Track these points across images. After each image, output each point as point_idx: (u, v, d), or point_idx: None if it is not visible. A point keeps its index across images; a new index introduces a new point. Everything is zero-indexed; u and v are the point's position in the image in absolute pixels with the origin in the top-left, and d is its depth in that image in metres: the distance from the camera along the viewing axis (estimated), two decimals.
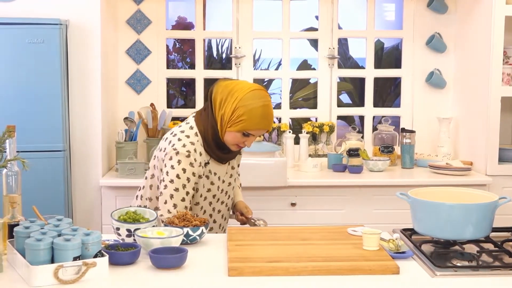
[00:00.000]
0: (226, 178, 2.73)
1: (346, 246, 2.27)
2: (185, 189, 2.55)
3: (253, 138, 2.59)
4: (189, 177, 2.55)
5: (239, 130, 2.54)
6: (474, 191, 2.46)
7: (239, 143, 2.60)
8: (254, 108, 2.51)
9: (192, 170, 2.56)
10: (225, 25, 4.58)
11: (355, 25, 5.29)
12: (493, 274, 2.06)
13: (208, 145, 2.60)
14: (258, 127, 2.54)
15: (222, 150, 2.64)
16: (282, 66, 4.50)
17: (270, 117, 2.57)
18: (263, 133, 2.62)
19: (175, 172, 2.53)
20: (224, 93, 2.56)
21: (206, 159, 2.62)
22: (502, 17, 3.74)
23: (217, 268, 2.10)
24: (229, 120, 2.54)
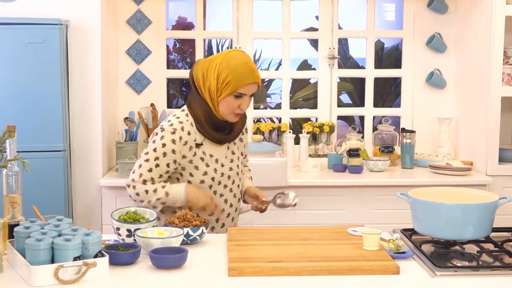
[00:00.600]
0: (226, 162, 2.68)
1: (346, 246, 2.27)
2: (156, 161, 2.54)
3: (246, 98, 2.56)
4: (166, 152, 2.54)
5: (230, 92, 2.53)
6: (474, 191, 2.46)
7: (234, 109, 2.57)
8: (237, 65, 2.52)
9: (173, 147, 2.55)
10: (225, 25, 4.58)
11: (355, 25, 5.29)
12: (493, 274, 2.06)
13: (200, 125, 2.60)
14: (247, 82, 2.53)
15: (219, 131, 2.63)
16: (282, 66, 4.49)
17: (255, 70, 2.57)
18: (254, 90, 2.58)
19: (154, 145, 2.56)
20: (204, 67, 2.59)
21: (199, 140, 2.61)
22: (502, 17, 3.74)
23: (217, 268, 2.10)
24: (217, 89, 2.54)
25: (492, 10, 3.75)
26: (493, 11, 3.74)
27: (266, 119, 4.96)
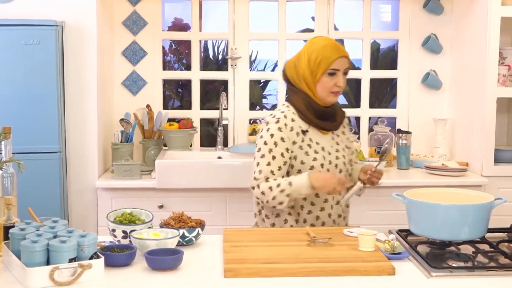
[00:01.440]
0: (332, 151, 2.72)
1: (342, 247, 2.28)
2: (271, 153, 2.62)
3: (340, 75, 2.65)
4: (276, 141, 2.62)
5: (323, 71, 2.62)
6: (470, 192, 2.46)
7: (331, 88, 2.65)
8: (323, 45, 2.66)
9: (281, 134, 2.63)
10: (221, 26, 4.57)
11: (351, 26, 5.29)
12: (488, 274, 2.07)
13: (303, 114, 2.68)
14: (335, 56, 2.62)
15: (323, 119, 2.70)
16: (279, 67, 4.49)
17: (340, 45, 2.69)
18: (346, 65, 2.66)
19: (263, 139, 2.65)
20: (293, 60, 2.72)
21: (304, 127, 2.68)
22: (497, 18, 3.75)
23: (213, 269, 2.10)
24: (311, 72, 2.65)
25: (487, 11, 3.75)
26: (489, 12, 3.75)
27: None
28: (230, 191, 3.70)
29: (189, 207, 3.49)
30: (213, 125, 5.05)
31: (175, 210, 2.67)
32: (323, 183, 2.51)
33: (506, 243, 2.39)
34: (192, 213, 2.55)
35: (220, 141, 4.20)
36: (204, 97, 5.19)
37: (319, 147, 2.69)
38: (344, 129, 2.87)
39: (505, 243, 2.39)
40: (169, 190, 3.66)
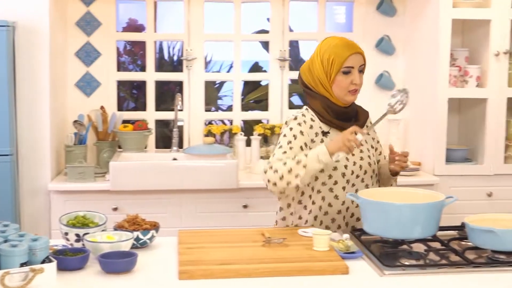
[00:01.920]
0: (355, 151, 2.65)
1: (297, 247, 2.28)
2: (289, 144, 2.56)
3: (355, 72, 2.60)
4: (295, 134, 2.58)
5: (337, 70, 2.57)
6: (422, 191, 2.50)
7: (348, 87, 2.60)
8: (334, 44, 2.62)
9: (300, 128, 2.59)
10: (176, 27, 4.56)
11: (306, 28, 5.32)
12: (440, 272, 2.10)
13: (322, 116, 2.64)
14: (348, 53, 2.57)
15: (343, 120, 2.65)
16: (234, 69, 4.50)
17: (352, 42, 2.64)
18: (360, 62, 2.61)
19: (283, 134, 2.61)
20: (307, 64, 2.69)
21: (325, 128, 2.64)
22: (449, 20, 3.82)
23: (167, 271, 2.09)
24: (326, 73, 2.60)
25: (439, 13, 3.82)
26: (440, 14, 3.81)
27: (218, 121, 4.96)
28: (185, 192, 3.69)
29: (144, 209, 3.45)
30: (168, 127, 5.03)
31: (129, 212, 2.64)
32: (335, 141, 2.45)
33: (457, 241, 2.43)
34: (146, 215, 2.53)
35: (175, 142, 4.18)
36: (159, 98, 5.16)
37: None
38: (367, 129, 2.76)
39: (456, 241, 2.43)
40: (123, 192, 3.63)
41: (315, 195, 2.61)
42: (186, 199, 3.71)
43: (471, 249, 2.29)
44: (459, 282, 2.03)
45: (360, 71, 2.63)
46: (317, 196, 2.61)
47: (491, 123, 3.93)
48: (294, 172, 2.45)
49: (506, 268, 2.13)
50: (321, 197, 2.60)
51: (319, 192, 2.60)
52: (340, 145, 2.43)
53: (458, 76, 3.97)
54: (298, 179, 2.45)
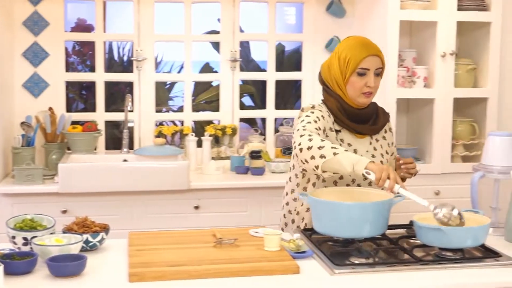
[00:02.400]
0: (367, 155, 2.62)
1: (248, 247, 2.29)
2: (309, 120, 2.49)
3: (371, 74, 2.54)
4: (318, 116, 2.52)
5: (352, 70, 2.53)
6: (372, 190, 2.52)
7: (361, 89, 2.55)
8: (352, 43, 2.58)
9: (319, 114, 2.54)
10: (126, 27, 4.52)
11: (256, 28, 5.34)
12: (388, 270, 2.13)
13: (336, 116, 2.59)
14: (364, 55, 2.53)
15: (357, 122, 2.61)
16: (185, 69, 4.48)
17: (371, 44, 2.59)
18: (377, 64, 2.56)
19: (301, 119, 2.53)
20: (327, 60, 2.66)
21: (337, 127, 2.60)
22: (397, 21, 3.87)
23: (118, 274, 2.07)
24: (341, 73, 2.56)
25: (387, 15, 3.87)
26: (388, 16, 3.86)
27: (169, 122, 4.94)
28: (136, 194, 3.66)
29: (94, 212, 3.41)
30: (118, 128, 4.99)
31: (79, 215, 2.61)
32: (380, 167, 2.25)
33: (405, 239, 2.47)
34: (97, 217, 2.50)
35: (125, 143, 4.14)
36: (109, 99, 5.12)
37: (351, 149, 2.60)
38: (385, 134, 2.74)
39: (404, 239, 2.47)
40: (73, 194, 3.59)
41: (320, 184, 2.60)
42: (137, 201, 3.68)
43: (419, 247, 2.33)
44: (407, 279, 2.07)
45: (377, 75, 2.58)
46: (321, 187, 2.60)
47: (438, 123, 4.00)
48: (323, 150, 2.30)
49: (453, 265, 2.18)
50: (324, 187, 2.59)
51: (326, 187, 2.58)
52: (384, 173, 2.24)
53: (406, 77, 4.03)
54: (321, 161, 2.29)
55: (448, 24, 3.93)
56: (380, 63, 2.58)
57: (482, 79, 4.11)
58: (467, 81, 4.08)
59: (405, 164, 2.67)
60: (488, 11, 3.99)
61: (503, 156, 2.65)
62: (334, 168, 2.31)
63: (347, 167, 2.27)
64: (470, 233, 2.23)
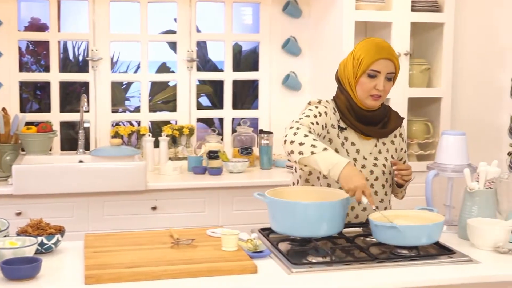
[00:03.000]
0: (369, 157, 2.63)
1: (205, 248, 2.29)
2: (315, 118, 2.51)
3: (381, 78, 2.54)
4: (320, 112, 2.55)
5: (363, 71, 2.54)
6: (328, 189, 2.55)
7: (370, 91, 2.55)
8: (368, 43, 2.60)
9: (323, 109, 2.57)
10: (81, 27, 4.46)
11: (213, 28, 5.33)
12: (345, 268, 2.15)
13: (343, 114, 2.61)
14: (377, 57, 2.53)
15: (363, 123, 2.61)
16: (141, 69, 4.45)
17: (387, 47, 2.58)
18: (389, 68, 2.55)
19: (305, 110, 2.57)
20: (345, 58, 2.66)
21: (342, 125, 2.62)
22: (352, 22, 3.91)
23: (74, 276, 2.05)
24: (353, 71, 2.58)
25: (342, 15, 3.91)
26: (343, 16, 3.90)
27: (125, 122, 4.90)
28: (93, 195, 3.62)
29: (50, 214, 3.38)
30: (74, 128, 4.93)
31: (34, 217, 2.57)
32: (350, 178, 2.27)
33: (361, 238, 2.50)
34: (52, 219, 2.47)
35: (81, 144, 4.09)
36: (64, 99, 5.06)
37: (354, 148, 2.62)
38: (394, 139, 2.73)
39: (361, 238, 2.49)
40: (27, 196, 3.53)
41: (323, 180, 2.61)
42: (93, 202, 3.64)
43: (375, 245, 2.36)
44: (364, 277, 2.09)
45: (389, 79, 2.57)
46: (324, 182, 2.61)
47: None
48: (304, 146, 2.33)
49: (408, 263, 2.21)
50: (327, 184, 2.61)
51: (325, 177, 2.59)
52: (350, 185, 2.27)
53: None
54: (295, 156, 2.35)
55: (402, 25, 3.99)
56: (393, 68, 2.58)
57: (436, 79, 4.18)
58: (421, 81, 4.14)
59: (398, 170, 2.66)
60: (441, 12, 4.06)
61: (456, 154, 2.70)
62: (312, 166, 2.36)
63: (323, 170, 2.31)
64: (424, 231, 2.27)
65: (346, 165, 2.28)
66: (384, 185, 2.69)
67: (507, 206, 2.58)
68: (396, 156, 2.75)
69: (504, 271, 2.19)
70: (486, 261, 2.26)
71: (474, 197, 2.54)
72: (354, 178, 2.27)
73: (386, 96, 2.64)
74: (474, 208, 2.53)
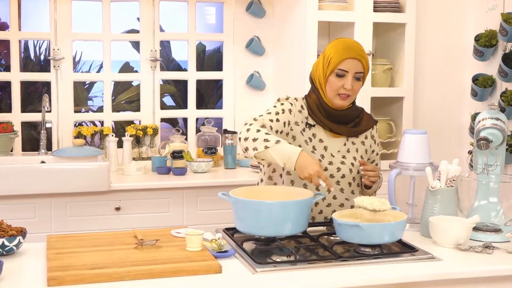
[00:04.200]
0: (336, 155, 2.66)
1: (170, 248, 2.28)
2: (277, 115, 2.58)
3: (349, 77, 2.58)
4: (284, 109, 2.61)
5: (331, 70, 2.59)
6: (293, 189, 2.56)
7: (338, 89, 2.60)
8: (338, 43, 2.65)
9: (290, 107, 2.62)
10: (42, 25, 4.41)
11: (177, 28, 5.31)
12: (309, 267, 2.16)
13: (312, 111, 2.66)
14: (345, 56, 2.57)
15: (333, 121, 2.66)
16: (104, 69, 4.41)
17: (356, 47, 2.62)
18: (357, 68, 2.59)
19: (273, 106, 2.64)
20: (316, 60, 2.70)
21: (311, 122, 2.66)
22: (315, 22, 3.93)
23: (36, 279, 2.02)
24: (323, 70, 2.62)
25: (305, 15, 3.92)
26: (307, 16, 3.92)
27: (88, 122, 4.85)
28: (55, 196, 3.58)
29: (11, 215, 3.32)
30: (36, 129, 4.87)
31: None
32: (304, 166, 2.37)
33: (325, 236, 2.51)
34: (13, 221, 2.44)
35: (43, 144, 4.04)
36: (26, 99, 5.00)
37: (322, 145, 2.65)
38: (365, 140, 2.77)
39: (325, 236, 2.51)
40: None
41: (286, 176, 2.64)
42: (56, 203, 3.60)
43: (339, 243, 2.37)
44: (328, 275, 2.11)
45: (358, 79, 2.62)
46: (287, 179, 2.64)
47: None
48: (257, 142, 2.43)
49: (371, 261, 2.23)
50: (290, 180, 2.64)
51: (289, 174, 2.63)
52: (304, 173, 2.38)
53: None
54: (249, 152, 2.46)
55: (364, 25, 4.02)
56: (361, 67, 2.62)
57: (398, 78, 4.23)
58: (383, 80, 4.19)
59: (364, 170, 2.67)
60: (403, 13, 4.11)
61: (418, 153, 2.74)
62: (269, 160, 2.46)
63: (279, 162, 2.41)
64: (387, 229, 2.29)
65: (299, 154, 2.39)
66: (350, 183, 2.71)
67: (468, 204, 2.62)
68: (367, 158, 2.78)
69: (465, 268, 2.23)
70: (447, 258, 2.29)
71: (436, 195, 2.57)
72: (308, 166, 2.37)
73: (356, 95, 2.69)
74: (436, 206, 2.57)
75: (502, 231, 2.54)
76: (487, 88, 4.04)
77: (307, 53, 3.93)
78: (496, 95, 4.02)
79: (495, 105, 2.65)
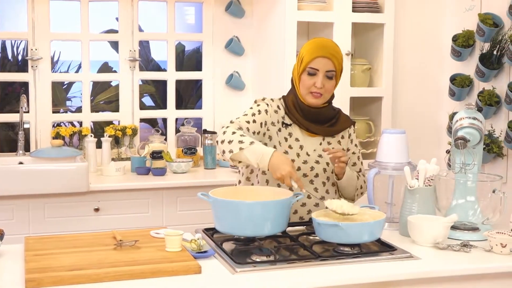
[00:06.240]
0: (312, 154, 2.69)
1: (149, 249, 2.28)
2: (253, 116, 2.63)
3: (320, 75, 2.63)
4: (260, 110, 2.66)
5: (303, 68, 2.64)
6: (273, 189, 2.57)
7: (309, 88, 2.64)
8: (311, 42, 2.70)
9: (266, 107, 2.67)
10: (20, 25, 4.37)
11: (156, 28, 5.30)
12: (289, 266, 2.17)
13: (289, 109, 2.70)
14: (315, 55, 2.62)
15: (309, 120, 2.69)
16: (82, 69, 4.38)
17: (328, 45, 2.67)
18: (328, 67, 2.63)
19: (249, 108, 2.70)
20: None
21: (288, 121, 2.71)
22: (294, 22, 3.94)
23: (14, 280, 2.01)
24: (297, 69, 2.68)
25: (285, 16, 3.93)
26: (286, 16, 3.93)
27: (66, 123, 4.82)
28: (33, 197, 3.55)
29: None
30: (13, 129, 4.83)
31: None
32: (277, 166, 2.41)
33: (305, 236, 2.52)
34: None
35: (21, 145, 4.01)
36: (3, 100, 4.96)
37: (298, 144, 2.69)
38: (342, 139, 2.79)
39: (304, 236, 2.52)
40: None
41: (261, 176, 2.68)
42: (34, 204, 3.57)
43: (318, 243, 2.38)
44: (307, 275, 2.11)
45: (330, 77, 2.65)
46: (262, 178, 2.67)
47: None
48: (232, 144, 2.47)
49: (350, 260, 2.24)
50: (265, 180, 2.67)
51: (264, 174, 2.66)
52: (277, 174, 2.42)
53: None
54: (226, 155, 2.51)
55: (343, 25, 4.04)
56: (332, 66, 2.66)
57: (377, 78, 4.25)
58: (362, 80, 4.21)
59: (332, 154, 2.65)
60: (381, 13, 4.13)
61: (396, 153, 2.75)
62: (245, 162, 2.50)
63: (253, 163, 2.46)
64: (366, 228, 2.30)
65: (272, 155, 2.43)
66: (325, 183, 2.73)
67: (446, 203, 2.64)
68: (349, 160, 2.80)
69: (443, 266, 2.25)
70: (426, 257, 2.31)
71: (414, 194, 2.59)
72: (281, 167, 2.41)
73: (329, 94, 2.71)
74: (414, 205, 2.58)
75: (480, 229, 2.57)
76: (464, 88, 4.07)
77: (286, 53, 3.94)
78: (474, 95, 4.06)
79: (472, 104, 2.68)
